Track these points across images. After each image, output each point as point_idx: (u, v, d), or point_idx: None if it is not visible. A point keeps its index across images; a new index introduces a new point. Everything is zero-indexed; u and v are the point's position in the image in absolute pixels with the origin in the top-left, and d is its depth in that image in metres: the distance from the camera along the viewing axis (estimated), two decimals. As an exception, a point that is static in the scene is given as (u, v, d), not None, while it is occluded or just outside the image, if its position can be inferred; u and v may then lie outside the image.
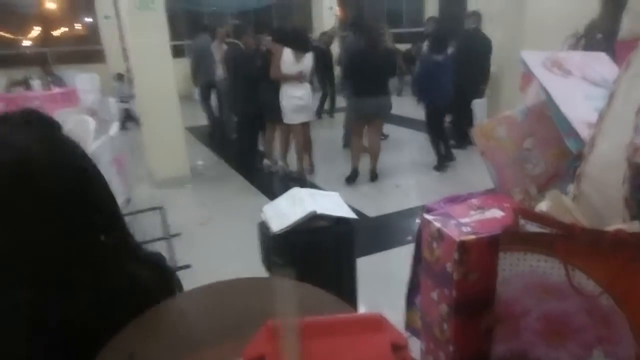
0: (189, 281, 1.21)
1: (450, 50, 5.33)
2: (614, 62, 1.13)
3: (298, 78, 4.47)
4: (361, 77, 4.40)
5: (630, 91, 0.85)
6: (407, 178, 4.95)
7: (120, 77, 8.22)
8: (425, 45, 5.04)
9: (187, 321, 0.78)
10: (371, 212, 3.97)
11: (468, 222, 0.92)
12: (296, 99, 4.51)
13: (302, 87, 4.55)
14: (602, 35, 2.10)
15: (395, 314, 1.57)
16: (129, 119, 7.76)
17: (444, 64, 4.76)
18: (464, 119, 5.70)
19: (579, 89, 1.12)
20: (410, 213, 3.83)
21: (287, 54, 4.37)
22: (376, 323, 0.69)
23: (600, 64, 1.21)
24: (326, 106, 7.98)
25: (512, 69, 4.75)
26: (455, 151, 5.49)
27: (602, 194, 0.87)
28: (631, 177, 0.85)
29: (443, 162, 5.05)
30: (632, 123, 0.83)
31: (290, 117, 4.59)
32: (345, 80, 4.73)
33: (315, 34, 9.09)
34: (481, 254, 0.86)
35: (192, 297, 0.87)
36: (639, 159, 0.88)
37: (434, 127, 5.03)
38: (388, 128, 5.94)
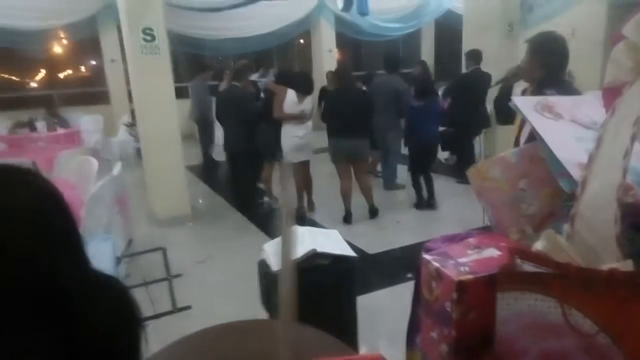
0: (190, 322, 1.23)
1: (441, 92, 5.48)
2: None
3: (301, 118, 4.58)
4: (335, 120, 4.51)
5: (617, 135, 0.89)
6: (407, 214, 4.96)
7: (131, 124, 8.08)
8: (412, 91, 5.19)
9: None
10: (371, 249, 3.96)
11: (466, 262, 0.94)
12: (297, 138, 4.59)
13: (304, 127, 4.65)
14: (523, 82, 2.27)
15: (397, 353, 1.55)
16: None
17: (427, 108, 4.88)
18: (468, 156, 5.80)
19: (570, 131, 1.17)
20: (410, 250, 3.83)
21: (291, 94, 4.49)
22: (377, 364, 0.70)
23: (590, 107, 1.26)
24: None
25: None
26: (461, 186, 5.52)
27: (595, 233, 0.90)
28: (622, 217, 0.88)
29: (422, 202, 5.10)
30: (620, 165, 0.87)
31: (291, 155, 4.65)
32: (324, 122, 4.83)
33: (316, 75, 9.33)
34: (479, 293, 0.88)
35: (196, 339, 0.88)
36: (628, 199, 0.91)
37: (413, 169, 5.13)
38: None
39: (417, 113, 4.91)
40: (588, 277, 0.77)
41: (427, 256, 0.99)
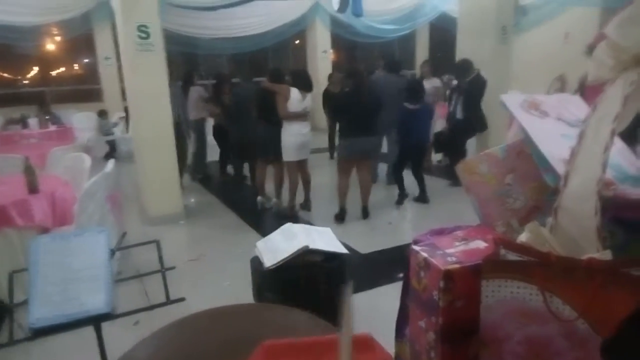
0: (184, 313, 1.25)
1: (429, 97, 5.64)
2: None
3: (304, 116, 4.61)
4: (350, 119, 4.54)
5: (598, 131, 0.92)
6: (399, 215, 5.00)
7: (102, 113, 8.61)
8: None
9: (186, 342, 0.80)
10: (363, 248, 3.99)
11: (453, 253, 0.97)
12: (301, 136, 4.62)
13: (306, 125, 4.68)
14: None
15: (389, 350, 1.57)
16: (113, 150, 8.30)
17: (420, 111, 4.98)
18: (461, 159, 5.83)
19: (555, 128, 1.20)
20: (402, 250, 3.85)
21: (294, 93, 4.52)
22: (364, 342, 0.72)
23: (575, 106, 1.30)
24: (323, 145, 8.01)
25: (500, 110, 4.92)
26: (454, 189, 5.57)
27: (577, 225, 0.93)
28: (603, 210, 0.91)
29: (403, 197, 5.27)
30: (600, 159, 0.90)
31: (292, 154, 4.66)
32: (333, 122, 4.91)
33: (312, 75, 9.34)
34: (465, 282, 0.90)
35: (188, 323, 0.90)
36: (608, 193, 0.94)
37: (399, 166, 5.30)
38: (380, 167, 6.06)
39: (410, 116, 4.97)
40: (568, 265, 0.80)
41: (415, 247, 1.02)
